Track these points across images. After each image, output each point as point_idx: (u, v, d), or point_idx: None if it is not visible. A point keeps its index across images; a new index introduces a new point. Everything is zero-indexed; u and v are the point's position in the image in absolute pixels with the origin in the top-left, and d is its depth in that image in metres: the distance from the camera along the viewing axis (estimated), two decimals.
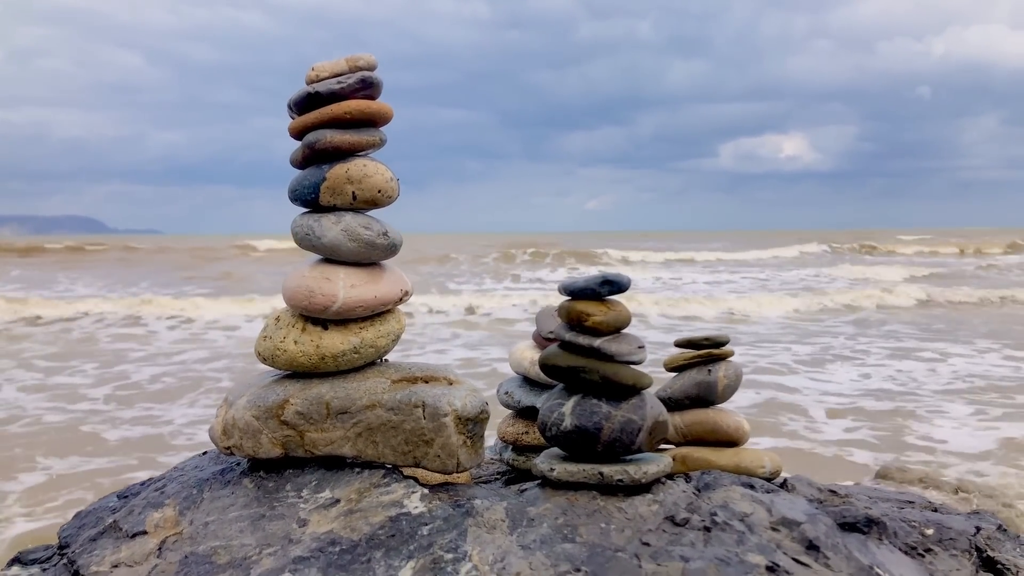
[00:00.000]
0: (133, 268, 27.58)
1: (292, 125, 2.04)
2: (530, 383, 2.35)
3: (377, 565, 1.68)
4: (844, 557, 1.69)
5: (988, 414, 7.09)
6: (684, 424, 2.27)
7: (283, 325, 2.04)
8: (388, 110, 2.03)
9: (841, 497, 2.09)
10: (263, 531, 1.83)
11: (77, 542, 2.00)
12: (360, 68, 2.01)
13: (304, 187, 2.01)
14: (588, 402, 1.90)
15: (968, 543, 2.01)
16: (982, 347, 10.62)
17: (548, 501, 1.84)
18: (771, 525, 1.77)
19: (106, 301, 15.59)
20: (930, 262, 31.35)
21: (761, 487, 2.00)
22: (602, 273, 1.91)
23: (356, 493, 1.91)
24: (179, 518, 1.93)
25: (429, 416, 1.94)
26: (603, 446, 1.87)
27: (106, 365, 9.59)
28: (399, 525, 1.79)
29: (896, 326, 12.96)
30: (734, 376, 2.29)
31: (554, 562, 1.63)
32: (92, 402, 7.66)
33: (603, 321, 1.89)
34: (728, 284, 22.55)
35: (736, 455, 2.22)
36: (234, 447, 2.01)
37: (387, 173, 2.02)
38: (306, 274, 2.01)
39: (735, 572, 1.58)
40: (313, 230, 2.00)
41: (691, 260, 33.40)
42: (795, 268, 28.08)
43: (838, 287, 20.20)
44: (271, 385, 2.03)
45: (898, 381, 8.48)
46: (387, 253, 2.05)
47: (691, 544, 1.68)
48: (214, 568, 1.74)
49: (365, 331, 2.02)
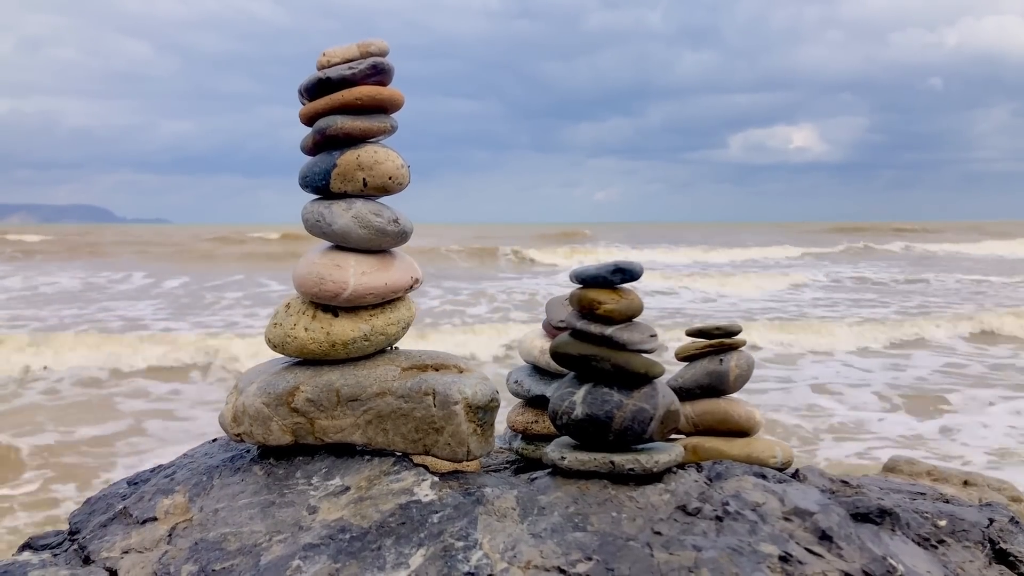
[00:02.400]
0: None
1: (303, 111, 2.03)
2: (540, 372, 2.34)
3: (387, 552, 1.68)
4: (857, 547, 1.68)
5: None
6: (695, 414, 2.26)
7: (293, 312, 2.03)
8: (399, 96, 2.02)
9: (853, 488, 2.07)
10: (273, 518, 1.82)
11: (87, 528, 2.01)
12: (371, 54, 1.99)
13: (315, 173, 2.00)
14: (599, 391, 1.89)
15: (981, 535, 2.00)
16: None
17: (559, 490, 1.84)
18: (783, 515, 1.76)
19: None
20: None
21: (773, 477, 1.99)
22: (614, 261, 1.90)
23: (366, 481, 1.90)
24: (189, 505, 1.93)
25: (439, 404, 1.93)
26: (614, 435, 1.86)
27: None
28: (409, 513, 1.78)
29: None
30: (746, 366, 2.27)
31: (565, 550, 1.62)
32: None
33: (615, 309, 1.88)
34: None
35: (747, 445, 2.20)
36: (244, 434, 2.01)
37: (398, 160, 2.01)
38: (316, 261, 2.00)
39: (748, 562, 1.58)
40: (324, 217, 1.99)
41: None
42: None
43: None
44: (281, 372, 2.03)
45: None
46: (398, 240, 2.04)
47: (703, 533, 1.67)
48: (224, 555, 1.74)
49: (375, 318, 2.01)
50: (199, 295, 16.71)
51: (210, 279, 19.62)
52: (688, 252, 30.38)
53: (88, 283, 19.35)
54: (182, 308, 14.88)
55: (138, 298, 16.43)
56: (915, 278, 21.16)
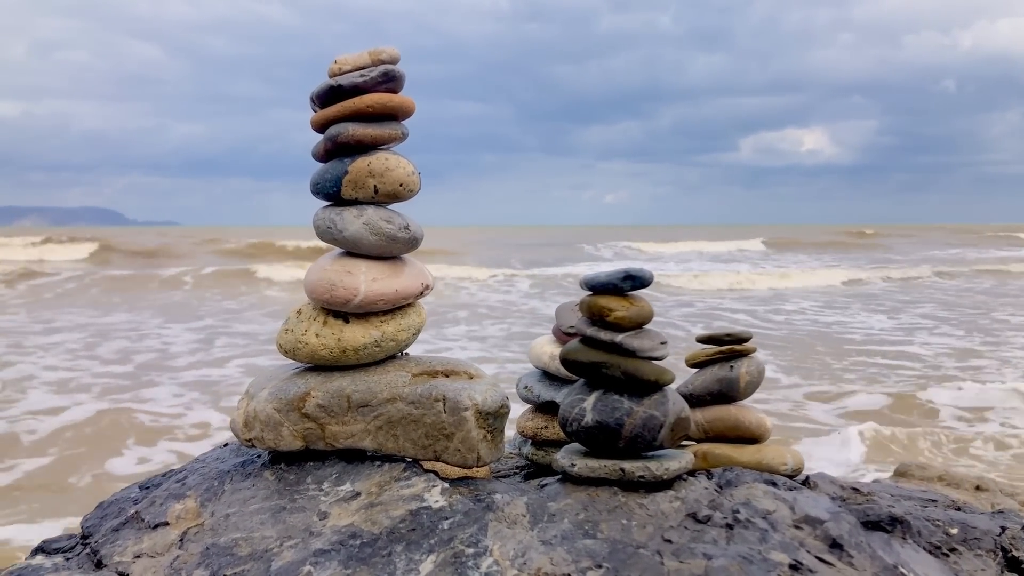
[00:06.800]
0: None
1: (314, 118, 2.04)
2: (550, 378, 2.34)
3: (398, 559, 1.68)
4: (868, 556, 1.68)
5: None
6: (705, 420, 2.25)
7: (304, 318, 2.04)
8: (410, 104, 2.03)
9: (864, 495, 2.07)
10: (284, 523, 1.83)
11: (99, 532, 2.02)
12: (383, 61, 2.00)
13: (326, 180, 2.01)
14: (610, 397, 1.89)
15: (993, 543, 1.99)
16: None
17: (569, 497, 1.84)
18: (794, 523, 1.75)
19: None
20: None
21: (784, 484, 1.99)
22: (624, 268, 1.90)
23: (376, 486, 1.91)
24: (200, 510, 1.94)
25: (450, 410, 1.93)
26: (625, 442, 1.86)
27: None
28: (420, 519, 1.79)
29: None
30: (756, 372, 2.27)
31: (575, 558, 1.62)
32: None
33: (625, 316, 1.88)
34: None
35: (758, 452, 2.20)
36: (255, 439, 2.02)
37: (409, 167, 2.01)
38: (328, 267, 2.01)
39: (758, 570, 1.57)
40: (335, 223, 2.00)
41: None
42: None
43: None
44: (292, 378, 2.04)
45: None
46: (408, 246, 2.05)
47: (713, 541, 1.67)
48: (235, 560, 1.75)
49: (386, 325, 2.02)
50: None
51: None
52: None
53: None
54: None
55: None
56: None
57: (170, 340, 11.46)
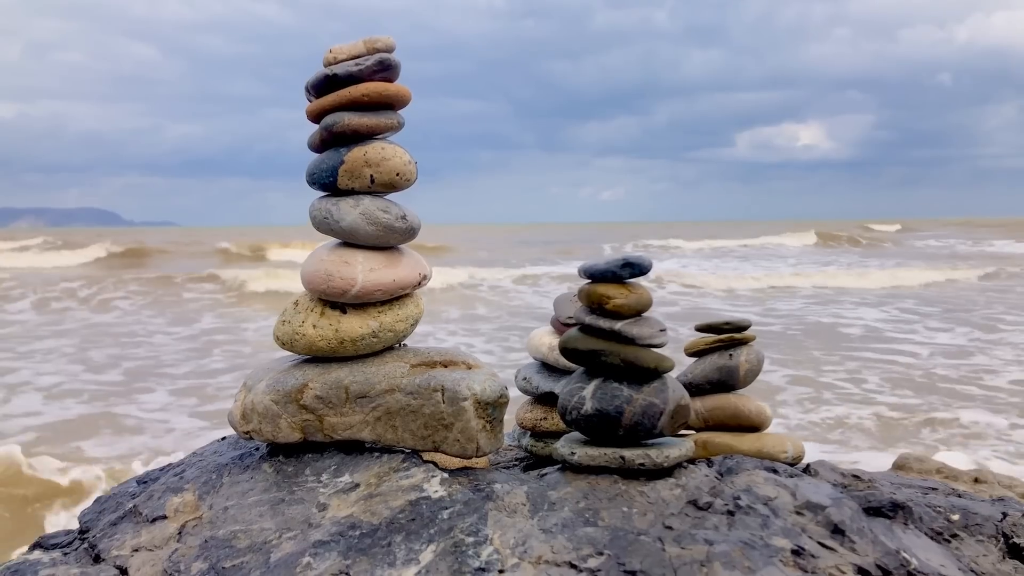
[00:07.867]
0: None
1: (310, 108, 2.03)
2: (548, 369, 2.33)
3: (398, 549, 1.67)
4: (870, 541, 1.67)
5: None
6: (705, 409, 2.25)
7: (302, 309, 2.03)
8: (406, 92, 2.01)
9: (865, 482, 2.06)
10: (283, 515, 1.82)
11: (97, 527, 2.01)
12: (378, 50, 1.99)
13: (322, 170, 1.99)
14: (609, 386, 1.88)
15: (994, 529, 1.98)
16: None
17: (569, 485, 1.83)
18: (796, 509, 1.74)
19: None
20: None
21: (784, 471, 1.98)
22: (623, 256, 1.89)
23: (375, 477, 1.90)
24: (199, 503, 1.93)
25: (448, 400, 1.92)
26: (624, 430, 1.85)
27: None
28: (419, 509, 1.78)
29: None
30: (756, 361, 2.26)
31: (576, 545, 1.61)
32: None
33: (624, 304, 1.87)
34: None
35: (758, 440, 2.19)
36: (253, 432, 2.01)
37: (405, 156, 2.00)
38: (324, 258, 1.99)
39: (760, 555, 1.56)
40: (331, 214, 1.98)
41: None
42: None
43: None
44: (290, 369, 2.02)
45: None
46: (405, 236, 2.03)
47: (715, 528, 1.66)
48: (234, 552, 1.73)
49: (384, 315, 2.01)
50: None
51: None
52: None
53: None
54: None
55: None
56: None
57: (165, 344, 11.43)
